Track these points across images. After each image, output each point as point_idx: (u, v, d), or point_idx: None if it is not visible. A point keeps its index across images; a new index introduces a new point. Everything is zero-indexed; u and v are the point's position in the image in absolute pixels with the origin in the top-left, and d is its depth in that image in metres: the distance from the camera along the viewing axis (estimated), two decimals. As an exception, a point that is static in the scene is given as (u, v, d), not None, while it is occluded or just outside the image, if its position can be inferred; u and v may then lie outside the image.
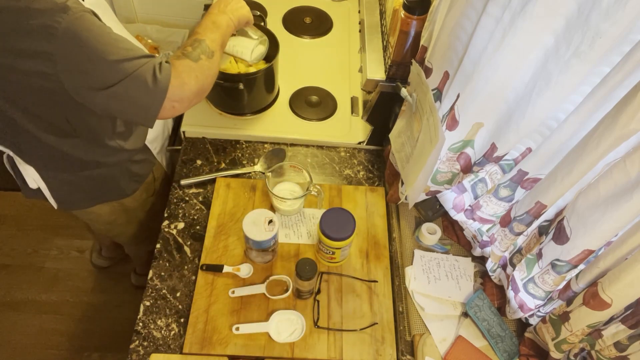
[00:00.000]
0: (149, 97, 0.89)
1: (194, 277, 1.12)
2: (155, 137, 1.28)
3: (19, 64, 0.82)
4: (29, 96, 0.90)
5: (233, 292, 1.09)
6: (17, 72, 0.84)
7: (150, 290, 1.10)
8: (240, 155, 1.34)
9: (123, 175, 1.21)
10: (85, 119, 1.00)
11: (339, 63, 1.55)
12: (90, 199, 1.23)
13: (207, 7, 1.71)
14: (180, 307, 1.08)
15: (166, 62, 0.91)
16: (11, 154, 1.07)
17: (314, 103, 1.44)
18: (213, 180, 1.26)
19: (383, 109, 1.29)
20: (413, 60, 1.04)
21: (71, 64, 0.84)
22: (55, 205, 1.20)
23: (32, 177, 1.11)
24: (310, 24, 1.65)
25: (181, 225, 1.20)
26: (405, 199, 1.18)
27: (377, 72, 1.22)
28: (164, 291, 1.10)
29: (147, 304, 1.08)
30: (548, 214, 0.92)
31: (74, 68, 0.84)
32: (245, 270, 1.12)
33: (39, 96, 0.89)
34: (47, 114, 0.95)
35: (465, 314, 1.10)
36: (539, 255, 0.92)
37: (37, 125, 0.97)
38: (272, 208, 1.21)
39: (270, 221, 1.05)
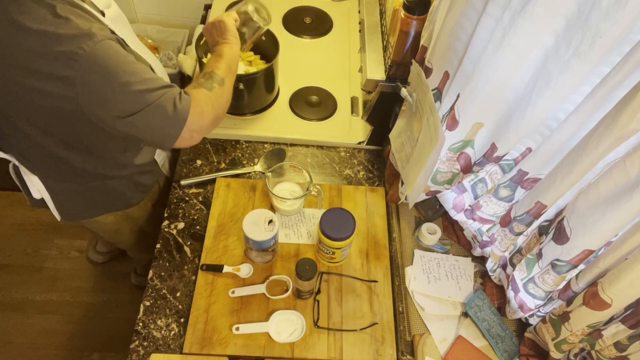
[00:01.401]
0: (168, 126, 0.91)
1: (194, 277, 1.12)
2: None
3: (41, 86, 0.83)
4: (45, 116, 0.90)
5: (233, 292, 1.09)
6: (37, 93, 0.84)
7: (150, 290, 1.10)
8: (240, 155, 1.34)
9: (129, 187, 1.20)
10: (99, 138, 1.01)
11: (339, 63, 1.55)
12: (94, 209, 1.22)
13: (207, 7, 1.71)
14: (180, 307, 1.09)
15: (185, 92, 0.92)
16: (17, 162, 1.07)
17: (314, 103, 1.44)
18: (213, 180, 1.26)
19: (383, 109, 1.29)
20: (413, 60, 1.04)
21: (92, 91, 0.84)
22: (58, 216, 1.19)
23: (37, 187, 1.11)
24: (310, 24, 1.65)
25: (181, 225, 1.20)
26: (405, 199, 1.18)
27: (377, 72, 1.22)
28: (164, 291, 1.10)
29: (147, 304, 1.08)
30: (548, 214, 0.92)
31: (94, 95, 0.85)
32: (245, 270, 1.12)
33: (56, 117, 0.90)
34: (61, 132, 0.96)
35: (465, 314, 1.10)
36: (539, 255, 0.92)
37: (50, 140, 0.98)
38: (272, 208, 1.21)
39: (270, 221, 1.05)
